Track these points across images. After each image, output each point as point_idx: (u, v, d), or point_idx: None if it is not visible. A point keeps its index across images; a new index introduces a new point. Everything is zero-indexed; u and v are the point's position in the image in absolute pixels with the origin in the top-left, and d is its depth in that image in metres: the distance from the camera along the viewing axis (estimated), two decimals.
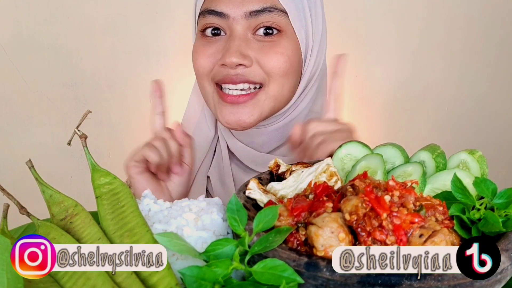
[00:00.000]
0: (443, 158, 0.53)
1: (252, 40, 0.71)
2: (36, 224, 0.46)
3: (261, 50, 0.70)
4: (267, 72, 0.71)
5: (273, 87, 0.72)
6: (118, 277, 0.40)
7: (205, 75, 0.74)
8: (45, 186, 0.48)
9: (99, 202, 0.48)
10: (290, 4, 0.71)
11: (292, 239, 0.41)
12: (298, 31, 0.72)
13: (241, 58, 0.68)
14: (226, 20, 0.70)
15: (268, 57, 0.70)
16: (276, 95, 0.73)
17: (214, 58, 0.72)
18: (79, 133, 0.49)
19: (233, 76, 0.70)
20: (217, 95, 0.73)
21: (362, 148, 0.54)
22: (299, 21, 0.72)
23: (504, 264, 0.37)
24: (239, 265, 0.40)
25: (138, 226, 0.45)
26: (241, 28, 0.70)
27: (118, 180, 0.49)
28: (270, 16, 0.69)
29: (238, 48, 0.69)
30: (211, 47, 0.72)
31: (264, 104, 0.72)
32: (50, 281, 0.41)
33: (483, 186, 0.43)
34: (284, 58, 0.71)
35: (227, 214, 0.43)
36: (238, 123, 0.72)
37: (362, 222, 0.39)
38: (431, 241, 0.38)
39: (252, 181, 0.51)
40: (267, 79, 0.71)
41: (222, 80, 0.71)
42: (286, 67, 0.71)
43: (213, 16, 0.71)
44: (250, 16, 0.69)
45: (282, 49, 0.71)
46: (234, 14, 0.69)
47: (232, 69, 0.69)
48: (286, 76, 0.72)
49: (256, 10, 0.69)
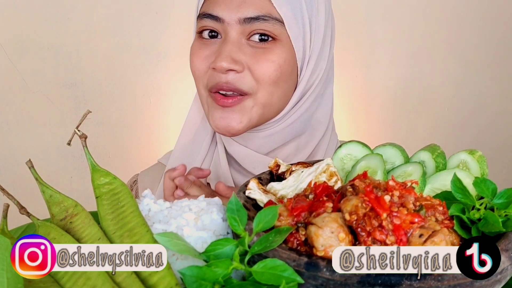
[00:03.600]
0: (443, 158, 0.53)
1: (246, 45, 0.70)
2: (36, 224, 0.46)
3: (253, 56, 0.70)
4: (256, 79, 0.70)
5: (262, 94, 0.71)
6: (118, 277, 0.40)
7: (200, 79, 0.74)
8: (45, 186, 0.48)
9: (99, 202, 0.48)
10: (287, 12, 0.70)
11: (292, 239, 0.41)
12: (294, 40, 0.71)
13: (232, 63, 0.68)
14: (222, 24, 0.70)
15: (259, 64, 0.70)
16: (264, 102, 0.72)
17: (208, 61, 0.72)
18: (79, 133, 0.49)
19: (224, 83, 0.70)
20: (211, 98, 0.73)
21: (362, 148, 0.54)
22: (296, 30, 0.71)
23: (504, 264, 0.37)
24: (239, 265, 0.40)
25: (138, 226, 0.45)
26: (235, 33, 0.70)
27: (118, 180, 0.49)
28: (264, 25, 0.69)
29: (230, 53, 0.69)
30: (207, 49, 0.73)
31: (253, 111, 0.72)
32: (50, 281, 0.41)
33: (483, 186, 0.43)
34: (275, 66, 0.70)
35: (227, 214, 0.43)
36: (226, 129, 0.72)
37: (362, 222, 0.39)
38: (431, 241, 0.38)
39: (252, 181, 0.51)
40: (255, 86, 0.71)
41: (214, 88, 0.71)
42: (276, 76, 0.70)
43: (209, 20, 0.71)
44: (244, 22, 0.69)
45: (274, 57, 0.70)
46: (229, 18, 0.69)
47: (223, 74, 0.69)
48: (276, 85, 0.71)
49: (251, 17, 0.69)
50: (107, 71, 1.61)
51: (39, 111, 1.60)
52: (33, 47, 1.54)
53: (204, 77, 0.73)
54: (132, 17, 1.57)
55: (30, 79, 1.57)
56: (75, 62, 1.58)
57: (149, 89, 1.63)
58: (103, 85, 1.62)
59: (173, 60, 1.62)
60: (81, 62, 1.58)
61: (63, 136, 1.62)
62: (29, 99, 1.59)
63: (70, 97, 1.61)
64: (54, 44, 1.55)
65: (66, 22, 1.54)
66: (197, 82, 0.75)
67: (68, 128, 1.62)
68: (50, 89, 1.59)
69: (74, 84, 1.60)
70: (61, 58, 1.57)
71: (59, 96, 1.60)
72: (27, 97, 1.58)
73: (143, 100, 1.64)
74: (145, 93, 1.64)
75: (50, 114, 1.61)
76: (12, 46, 1.53)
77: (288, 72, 0.72)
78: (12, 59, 1.54)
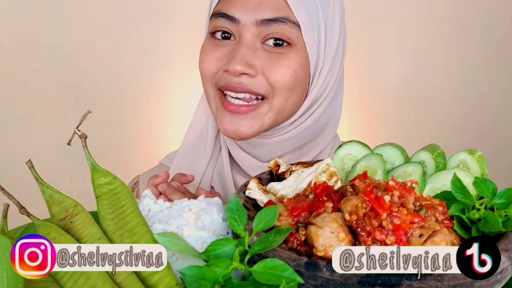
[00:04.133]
0: (443, 158, 0.53)
1: (260, 49, 0.69)
2: (36, 224, 0.46)
3: (268, 61, 0.68)
4: (271, 84, 0.69)
5: (277, 100, 0.70)
6: (118, 277, 0.40)
7: (209, 78, 0.72)
8: (45, 186, 0.48)
9: (99, 202, 0.48)
10: (304, 17, 0.68)
11: (292, 239, 0.41)
12: (309, 46, 0.70)
13: (246, 66, 0.67)
14: (237, 25, 0.68)
15: (274, 69, 0.68)
16: (279, 108, 0.71)
17: (220, 62, 0.70)
18: (79, 133, 0.49)
19: (235, 84, 0.68)
20: (219, 100, 0.72)
21: (362, 148, 0.54)
22: (311, 36, 0.70)
23: (504, 264, 0.37)
24: (239, 265, 0.40)
25: (138, 226, 0.45)
26: (251, 35, 0.68)
27: (118, 180, 0.49)
28: (281, 27, 0.67)
29: (244, 56, 0.67)
30: (219, 50, 0.71)
31: (266, 117, 0.71)
32: (50, 281, 0.41)
33: (483, 186, 0.43)
34: (291, 72, 0.69)
35: (227, 214, 0.43)
36: (236, 133, 0.70)
37: (362, 222, 0.39)
38: (431, 241, 0.38)
39: (252, 181, 0.51)
40: (271, 91, 0.69)
41: (224, 87, 0.70)
42: (291, 81, 0.69)
43: (224, 20, 0.69)
44: (261, 24, 0.67)
45: (289, 63, 0.68)
46: (245, 20, 0.68)
47: (235, 77, 0.68)
48: (291, 90, 0.70)
49: (268, 19, 0.67)
50: (107, 71, 1.61)
51: (39, 111, 1.60)
52: (33, 47, 1.54)
53: (214, 77, 0.71)
54: (132, 17, 1.57)
55: (30, 79, 1.57)
56: (75, 62, 1.58)
57: (149, 89, 1.63)
58: (103, 85, 1.62)
59: (173, 60, 1.62)
60: (81, 62, 1.58)
61: (63, 136, 1.62)
62: (29, 99, 1.59)
63: (70, 97, 1.61)
64: (54, 44, 1.55)
65: (66, 22, 1.54)
66: (205, 82, 0.73)
67: (68, 128, 1.62)
68: (50, 89, 1.59)
69: (74, 84, 1.60)
70: (61, 58, 1.57)
71: (59, 96, 1.60)
72: (27, 97, 1.58)
73: (143, 100, 1.64)
74: (145, 93, 1.64)
75: (50, 114, 1.61)
76: (12, 46, 1.53)
77: (302, 78, 0.71)
78: (12, 59, 1.54)
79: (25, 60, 1.55)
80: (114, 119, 1.65)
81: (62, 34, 1.54)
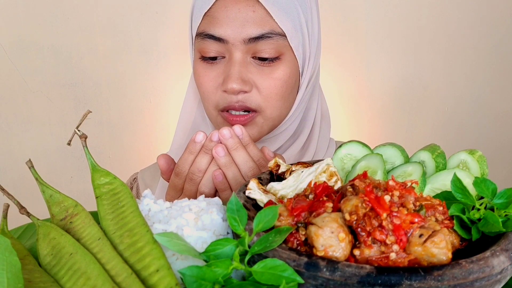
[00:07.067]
0: (443, 158, 0.53)
1: (251, 63, 0.72)
2: (36, 224, 0.46)
3: (260, 75, 0.71)
4: (264, 96, 0.72)
5: (271, 111, 0.74)
6: (118, 277, 0.40)
7: (208, 98, 0.75)
8: (45, 186, 0.48)
9: (99, 202, 0.48)
10: (288, 24, 0.71)
11: (292, 239, 0.41)
12: (296, 49, 0.73)
13: (242, 84, 0.70)
14: (225, 44, 0.70)
15: (266, 82, 0.71)
16: (274, 116, 0.75)
17: (216, 82, 0.73)
18: (79, 133, 0.49)
19: (235, 103, 0.72)
20: (221, 118, 0.75)
21: (362, 148, 0.54)
22: (296, 40, 0.73)
23: (504, 264, 0.37)
24: (239, 265, 0.40)
25: (138, 226, 0.45)
26: (240, 53, 0.70)
27: (118, 180, 0.49)
28: (268, 42, 0.70)
29: (239, 75, 0.70)
30: (212, 70, 0.73)
31: (264, 125, 0.75)
32: (50, 281, 0.41)
33: (483, 186, 0.43)
34: (281, 83, 0.72)
35: (227, 214, 0.43)
36: None
37: (362, 222, 0.39)
38: (431, 241, 0.38)
39: (252, 181, 0.51)
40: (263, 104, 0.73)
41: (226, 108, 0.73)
42: (282, 92, 0.73)
43: (211, 41, 0.71)
44: (249, 42, 0.70)
45: (279, 75, 0.72)
46: (233, 39, 0.69)
47: (234, 95, 0.71)
48: (283, 99, 0.74)
49: (255, 37, 0.69)
50: (107, 71, 1.61)
51: (39, 111, 1.60)
52: (33, 47, 1.54)
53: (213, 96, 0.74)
54: (132, 17, 1.57)
55: (30, 79, 1.57)
56: (75, 62, 1.58)
57: (149, 89, 1.64)
58: (103, 85, 1.62)
59: (173, 60, 1.62)
60: (81, 62, 1.58)
61: (63, 136, 1.62)
62: (29, 99, 1.59)
63: (70, 97, 1.61)
64: (54, 44, 1.55)
65: (66, 22, 1.54)
66: (205, 102, 0.76)
67: (68, 128, 1.62)
68: (50, 89, 1.59)
69: (74, 84, 1.60)
70: (61, 58, 1.57)
71: (59, 96, 1.60)
72: (27, 97, 1.58)
73: (143, 100, 1.64)
74: (145, 93, 1.64)
75: (50, 114, 1.61)
76: (12, 46, 1.53)
77: (292, 84, 0.75)
78: (12, 59, 1.54)
79: (25, 60, 1.55)
80: (114, 119, 1.65)
81: (62, 34, 1.54)
